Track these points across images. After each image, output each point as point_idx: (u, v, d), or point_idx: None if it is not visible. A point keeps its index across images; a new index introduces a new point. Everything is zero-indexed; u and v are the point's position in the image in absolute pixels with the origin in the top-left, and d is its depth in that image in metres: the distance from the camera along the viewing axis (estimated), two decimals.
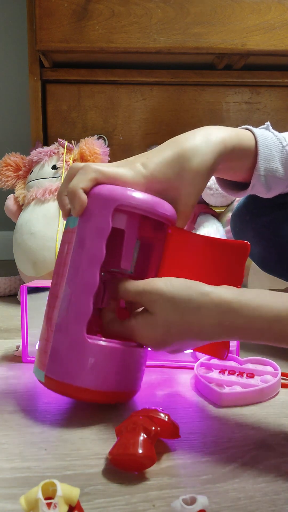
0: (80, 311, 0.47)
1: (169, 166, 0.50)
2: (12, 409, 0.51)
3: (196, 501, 0.33)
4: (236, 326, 0.43)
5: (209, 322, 0.44)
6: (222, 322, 0.43)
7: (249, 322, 0.43)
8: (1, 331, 0.83)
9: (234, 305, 0.43)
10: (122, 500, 0.36)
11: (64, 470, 0.40)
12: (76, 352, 0.47)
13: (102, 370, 0.48)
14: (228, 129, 0.55)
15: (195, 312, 0.44)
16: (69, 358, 0.47)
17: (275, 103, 1.49)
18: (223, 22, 1.29)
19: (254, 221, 0.81)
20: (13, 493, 0.37)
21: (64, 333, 0.48)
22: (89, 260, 0.47)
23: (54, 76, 1.42)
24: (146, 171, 0.49)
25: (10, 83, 1.77)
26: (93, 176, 0.47)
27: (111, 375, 0.48)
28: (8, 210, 1.18)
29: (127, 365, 0.49)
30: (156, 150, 0.52)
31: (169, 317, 0.45)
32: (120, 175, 0.48)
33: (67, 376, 0.47)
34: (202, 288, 0.45)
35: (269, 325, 0.42)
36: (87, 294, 0.47)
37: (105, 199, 0.47)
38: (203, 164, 0.51)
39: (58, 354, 0.48)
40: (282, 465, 0.41)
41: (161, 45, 1.29)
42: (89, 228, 0.47)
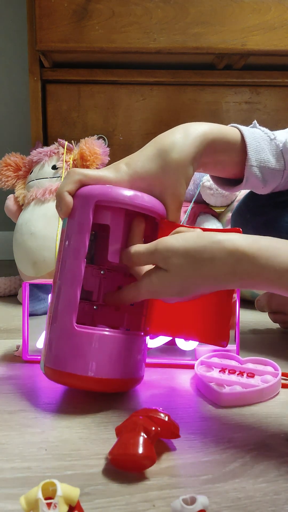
0: (68, 301, 0.50)
1: (151, 162, 0.52)
2: (12, 409, 0.51)
3: (196, 501, 0.33)
4: (249, 274, 0.43)
5: (223, 270, 0.44)
6: (236, 270, 0.43)
7: (262, 271, 0.43)
8: (1, 331, 0.83)
9: (247, 253, 0.43)
10: (122, 500, 0.36)
11: (64, 470, 0.40)
12: (65, 339, 0.50)
13: (92, 357, 0.50)
14: (210, 124, 0.56)
15: (209, 263, 0.44)
16: (60, 346, 0.50)
17: (275, 103, 1.49)
18: (223, 22, 1.29)
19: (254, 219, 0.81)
20: (13, 493, 0.37)
21: (56, 324, 0.51)
22: (74, 253, 0.50)
23: (54, 76, 1.42)
24: (129, 170, 0.52)
25: (10, 83, 1.77)
26: (77, 179, 0.50)
27: (103, 362, 0.50)
28: (8, 210, 1.18)
29: (119, 352, 0.51)
30: (139, 150, 0.54)
31: (184, 272, 0.45)
32: (103, 176, 0.51)
33: (60, 364, 0.50)
34: (214, 237, 0.45)
35: (280, 275, 0.42)
36: (74, 285, 0.50)
37: (85, 196, 0.50)
38: (183, 155, 0.52)
39: (52, 344, 0.51)
40: (282, 465, 0.41)
41: (161, 45, 1.29)
42: (73, 225, 0.51)
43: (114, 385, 0.52)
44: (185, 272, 0.45)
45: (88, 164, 1.07)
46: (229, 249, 0.43)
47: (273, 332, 0.84)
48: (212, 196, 1.23)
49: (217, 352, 0.65)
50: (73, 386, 0.52)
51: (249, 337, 0.80)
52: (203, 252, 0.44)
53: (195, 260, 0.45)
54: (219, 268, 0.44)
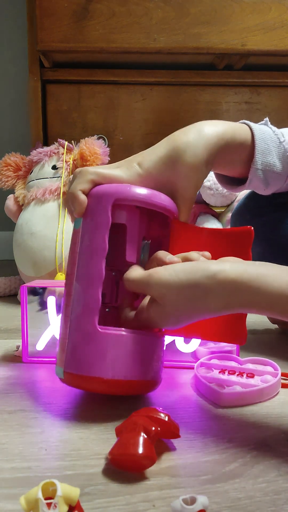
0: (89, 303, 0.49)
1: (163, 163, 0.52)
2: (12, 409, 0.51)
3: (196, 501, 0.33)
4: (242, 304, 0.43)
5: (216, 305, 0.44)
6: (229, 303, 0.44)
7: (253, 300, 0.43)
8: (1, 331, 0.83)
9: (238, 284, 0.43)
10: (122, 500, 0.36)
11: (64, 470, 0.40)
12: (88, 343, 0.48)
13: (115, 359, 0.48)
14: (223, 123, 0.56)
15: (203, 298, 0.44)
16: (83, 349, 0.48)
17: (275, 103, 1.49)
18: (223, 22, 1.29)
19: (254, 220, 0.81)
20: (13, 493, 0.37)
21: (77, 327, 0.49)
22: (93, 253, 0.49)
23: (54, 76, 1.42)
24: (141, 170, 0.51)
25: (10, 83, 1.77)
26: (90, 178, 0.50)
27: (126, 363, 0.49)
28: (8, 210, 1.18)
29: (141, 353, 0.50)
30: (151, 148, 0.53)
31: (178, 307, 0.46)
32: (116, 175, 0.50)
33: (83, 368, 0.48)
34: (208, 269, 0.44)
35: (272, 303, 0.42)
36: (94, 286, 0.49)
37: (102, 195, 0.49)
38: (196, 157, 0.52)
39: (74, 348, 0.49)
40: (282, 465, 0.41)
41: (161, 45, 1.29)
42: (90, 225, 0.50)
43: (138, 388, 0.51)
44: (180, 307, 0.46)
45: (88, 164, 1.07)
46: (221, 283, 0.43)
47: (272, 332, 0.84)
48: (212, 196, 1.23)
49: (217, 353, 0.65)
50: (97, 391, 0.51)
51: (249, 338, 0.80)
52: (197, 288, 0.44)
53: (189, 297, 0.45)
54: (213, 302, 0.44)
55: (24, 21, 1.42)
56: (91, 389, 0.51)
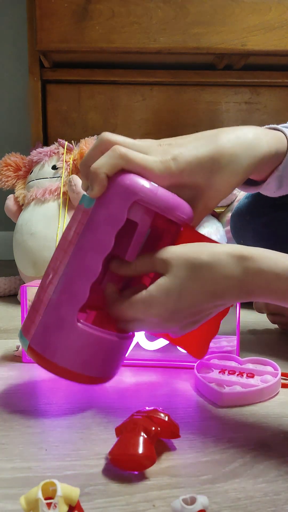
0: (76, 295, 0.47)
1: (201, 167, 0.47)
2: (12, 409, 0.51)
3: (196, 501, 0.33)
4: (247, 277, 0.43)
5: (223, 273, 0.44)
6: (235, 275, 0.43)
7: (260, 274, 0.43)
8: (1, 331, 0.83)
9: (246, 255, 0.43)
10: (122, 500, 0.36)
11: (64, 470, 0.40)
12: (63, 333, 0.47)
13: (82, 354, 0.48)
14: (265, 133, 0.52)
15: (208, 268, 0.44)
16: (54, 335, 0.47)
17: (275, 103, 1.49)
18: (223, 22, 1.29)
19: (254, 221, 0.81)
20: (13, 493, 0.37)
21: (55, 311, 0.47)
22: (96, 248, 0.46)
23: (54, 76, 1.42)
24: (175, 168, 0.47)
25: (10, 83, 1.77)
26: (119, 164, 0.45)
27: (91, 360, 0.48)
28: (8, 210, 1.18)
29: (109, 354, 0.49)
30: (192, 143, 0.48)
31: (182, 275, 0.44)
32: (147, 167, 0.46)
33: (48, 351, 0.47)
34: (213, 246, 0.45)
35: (278, 277, 0.42)
36: (86, 280, 0.46)
37: (126, 190, 0.45)
38: (237, 174, 0.49)
39: (45, 330, 0.48)
40: (282, 465, 0.41)
41: (161, 45, 1.29)
42: (103, 216, 0.46)
43: (94, 381, 0.50)
44: (183, 276, 0.44)
45: None
46: (230, 253, 0.43)
47: (272, 332, 0.84)
48: None
49: (217, 353, 0.65)
50: (52, 372, 0.49)
51: (249, 338, 0.80)
52: (201, 254, 0.44)
53: (195, 264, 0.44)
54: (219, 271, 0.44)
55: (24, 21, 1.42)
56: (47, 369, 0.49)
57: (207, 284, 0.44)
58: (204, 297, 0.45)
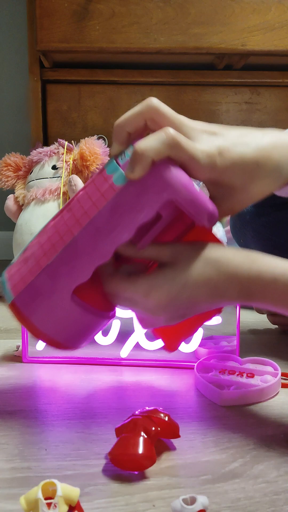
0: (78, 273, 0.45)
1: (243, 170, 0.46)
2: (12, 409, 0.51)
3: (196, 501, 0.33)
4: (249, 278, 0.44)
5: (228, 273, 0.44)
6: (239, 274, 0.44)
7: (261, 277, 0.43)
8: (1, 331, 0.83)
9: (251, 257, 0.44)
10: (122, 500, 0.36)
11: (64, 470, 0.40)
12: (52, 303, 0.46)
13: (64, 325, 0.47)
14: None
15: (216, 265, 0.44)
16: (43, 303, 0.46)
17: (275, 103, 1.49)
18: (223, 22, 1.29)
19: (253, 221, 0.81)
20: (13, 493, 0.37)
21: (51, 281, 0.45)
22: (115, 235, 0.43)
23: (54, 76, 1.42)
24: (220, 164, 0.45)
25: (10, 83, 1.77)
26: (168, 151, 0.42)
27: (71, 331, 0.48)
28: (8, 210, 1.18)
29: (88, 330, 0.49)
30: (240, 140, 0.46)
31: (190, 268, 0.45)
32: (195, 157, 0.43)
33: (32, 315, 0.46)
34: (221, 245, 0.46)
35: (275, 281, 0.43)
36: (94, 262, 0.44)
37: (167, 186, 0.42)
38: (275, 184, 0.47)
39: (34, 294, 0.46)
40: (282, 465, 0.41)
41: (161, 45, 1.29)
42: (132, 203, 0.42)
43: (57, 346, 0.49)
44: (191, 266, 0.45)
45: (88, 164, 1.07)
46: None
47: (272, 332, 0.84)
48: None
49: (217, 353, 0.65)
50: (27, 329, 0.49)
51: (249, 338, 0.80)
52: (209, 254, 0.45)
53: (202, 258, 0.45)
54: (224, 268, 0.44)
55: (24, 21, 1.42)
56: (23, 325, 0.48)
57: (212, 280, 0.44)
58: (205, 292, 0.45)
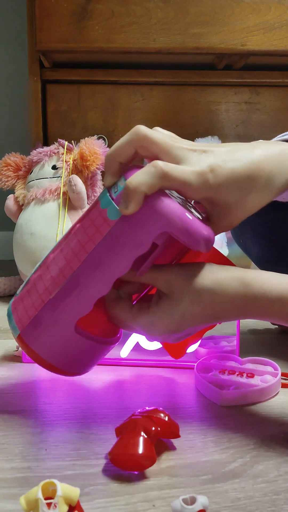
0: (79, 308, 0.46)
1: (236, 186, 0.45)
2: (12, 409, 0.51)
3: (196, 501, 0.33)
4: (246, 303, 0.45)
5: (224, 299, 0.45)
6: (235, 300, 0.45)
7: (256, 301, 0.44)
8: (1, 331, 0.83)
9: (247, 281, 0.45)
10: (122, 500, 0.36)
11: (64, 470, 0.40)
12: (56, 335, 0.48)
13: (70, 355, 0.49)
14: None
15: (209, 294, 0.45)
16: (47, 335, 0.48)
17: (275, 103, 1.49)
18: (223, 22, 1.29)
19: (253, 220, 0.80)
20: (13, 493, 0.37)
21: (54, 315, 0.47)
22: (112, 269, 0.44)
23: (54, 76, 1.42)
24: (213, 181, 0.44)
25: (10, 83, 1.77)
26: (160, 184, 0.42)
27: (76, 360, 0.50)
28: (8, 210, 1.18)
29: (95, 357, 0.51)
30: (228, 152, 0.46)
31: (184, 299, 0.45)
32: (187, 181, 0.43)
33: (40, 349, 0.48)
34: (215, 269, 0.47)
35: (272, 303, 0.44)
36: (94, 296, 0.46)
37: (160, 219, 0.42)
38: (269, 196, 0.47)
39: (39, 327, 0.47)
40: (282, 465, 0.41)
41: (161, 45, 1.29)
42: (128, 238, 0.43)
43: (65, 374, 0.51)
44: (188, 305, 0.45)
45: (88, 164, 1.07)
46: (234, 276, 0.45)
47: (272, 332, 0.84)
48: None
49: (217, 353, 0.65)
50: (41, 366, 0.50)
51: (249, 338, 0.80)
52: (204, 279, 0.46)
53: (197, 292, 0.45)
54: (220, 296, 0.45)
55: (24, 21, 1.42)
56: (35, 362, 0.49)
57: (207, 308, 0.45)
58: (205, 319, 0.46)
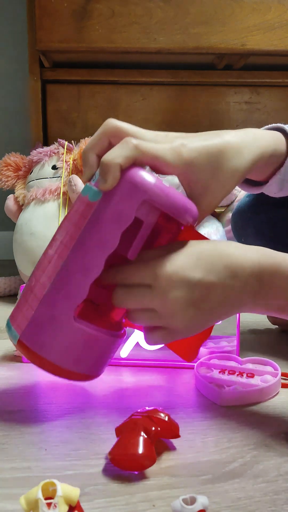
0: (74, 294, 0.45)
1: (208, 158, 0.48)
2: (12, 409, 0.51)
3: (196, 501, 0.33)
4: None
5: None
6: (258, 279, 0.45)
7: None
8: (1, 331, 0.83)
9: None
10: (122, 500, 0.36)
11: (64, 470, 0.40)
12: (57, 330, 0.46)
13: (75, 352, 0.47)
14: (266, 134, 0.54)
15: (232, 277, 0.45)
16: (48, 333, 0.46)
17: (275, 103, 1.49)
18: (223, 22, 1.29)
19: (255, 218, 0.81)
20: (13, 493, 0.37)
21: (50, 309, 0.46)
22: (100, 246, 0.45)
23: (54, 76, 1.42)
24: (186, 155, 0.47)
25: (10, 83, 1.77)
26: (133, 155, 0.44)
27: (83, 358, 0.48)
28: (8, 210, 1.18)
29: (102, 353, 0.49)
30: (198, 135, 0.49)
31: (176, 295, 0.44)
32: (160, 155, 0.45)
33: (40, 349, 0.46)
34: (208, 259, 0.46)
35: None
36: (87, 279, 0.45)
37: (137, 188, 0.43)
38: (240, 167, 0.49)
39: (38, 326, 0.46)
40: (282, 465, 0.41)
41: (161, 45, 1.29)
42: (110, 213, 0.44)
43: (84, 378, 0.49)
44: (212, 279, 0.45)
45: None
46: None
47: (272, 332, 0.84)
48: None
49: (217, 353, 0.65)
50: (45, 371, 0.48)
51: (249, 338, 0.80)
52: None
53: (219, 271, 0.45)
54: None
55: (24, 21, 1.42)
56: (36, 364, 0.48)
57: (232, 293, 0.46)
58: (227, 305, 0.47)
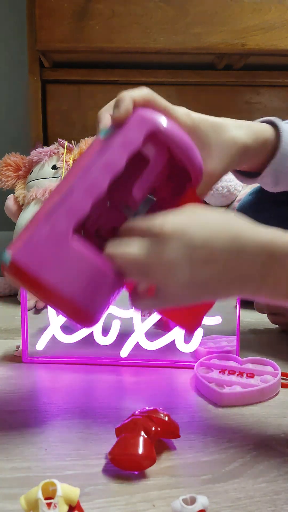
0: (75, 207, 0.43)
1: (212, 125, 0.53)
2: (12, 409, 0.51)
3: (196, 501, 0.33)
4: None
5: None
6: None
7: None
8: (1, 331, 0.83)
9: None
10: (122, 500, 0.36)
11: (64, 470, 0.40)
12: (53, 248, 0.43)
13: (70, 275, 0.43)
14: (260, 125, 0.58)
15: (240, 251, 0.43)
16: (44, 251, 0.43)
17: (275, 103, 1.49)
18: (223, 22, 1.29)
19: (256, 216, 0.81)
20: (13, 493, 0.37)
21: (49, 225, 0.43)
22: (106, 166, 0.45)
23: (54, 76, 1.42)
24: (194, 116, 0.52)
25: (10, 83, 1.77)
26: (147, 96, 0.48)
27: (78, 285, 0.43)
28: (8, 210, 1.18)
29: (98, 285, 0.44)
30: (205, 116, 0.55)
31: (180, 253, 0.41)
32: (171, 107, 0.50)
33: (34, 266, 0.42)
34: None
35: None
36: (89, 196, 0.44)
37: (146, 119, 0.47)
38: (240, 139, 0.54)
39: (34, 242, 0.43)
40: (282, 465, 0.41)
41: (161, 45, 1.29)
42: (119, 140, 0.46)
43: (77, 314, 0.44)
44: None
45: None
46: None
47: (272, 332, 0.84)
48: (212, 196, 1.23)
49: (217, 353, 0.65)
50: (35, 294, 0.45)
51: (249, 337, 0.80)
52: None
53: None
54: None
55: (24, 21, 1.42)
56: (31, 289, 0.44)
57: (237, 269, 0.42)
58: (231, 281, 0.43)
